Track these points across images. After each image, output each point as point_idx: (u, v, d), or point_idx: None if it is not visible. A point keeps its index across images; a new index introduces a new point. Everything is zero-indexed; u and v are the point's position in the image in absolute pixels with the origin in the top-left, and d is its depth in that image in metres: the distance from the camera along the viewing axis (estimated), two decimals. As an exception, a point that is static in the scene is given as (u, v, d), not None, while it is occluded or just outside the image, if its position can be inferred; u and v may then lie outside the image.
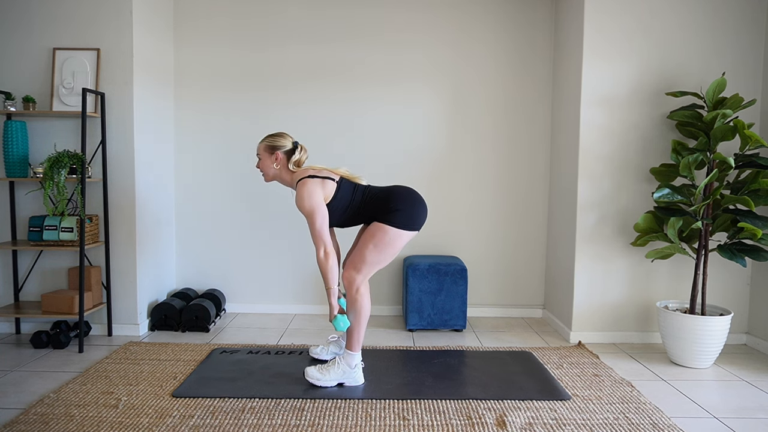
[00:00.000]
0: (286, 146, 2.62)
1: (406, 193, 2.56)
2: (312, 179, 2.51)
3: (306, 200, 2.47)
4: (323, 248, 2.46)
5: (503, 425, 2.23)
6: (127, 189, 3.31)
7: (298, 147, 2.63)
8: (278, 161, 2.61)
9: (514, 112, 3.89)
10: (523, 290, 4.01)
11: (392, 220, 2.49)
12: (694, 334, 2.90)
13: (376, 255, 2.51)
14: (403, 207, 2.51)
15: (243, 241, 3.94)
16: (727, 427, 2.28)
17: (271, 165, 2.63)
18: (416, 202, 2.55)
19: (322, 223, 2.47)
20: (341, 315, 2.50)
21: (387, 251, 2.51)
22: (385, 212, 2.51)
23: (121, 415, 2.26)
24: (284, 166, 2.63)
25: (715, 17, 3.27)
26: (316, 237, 2.47)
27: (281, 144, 2.62)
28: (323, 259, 2.46)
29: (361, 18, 3.82)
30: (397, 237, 2.50)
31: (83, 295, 3.06)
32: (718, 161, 2.96)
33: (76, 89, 3.21)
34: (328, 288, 2.48)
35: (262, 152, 2.64)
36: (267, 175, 2.66)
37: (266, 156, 2.63)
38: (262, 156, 2.64)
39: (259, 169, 2.67)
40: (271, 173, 2.65)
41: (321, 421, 2.25)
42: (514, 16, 3.84)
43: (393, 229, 2.49)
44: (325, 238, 2.47)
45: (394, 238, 2.50)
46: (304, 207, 2.47)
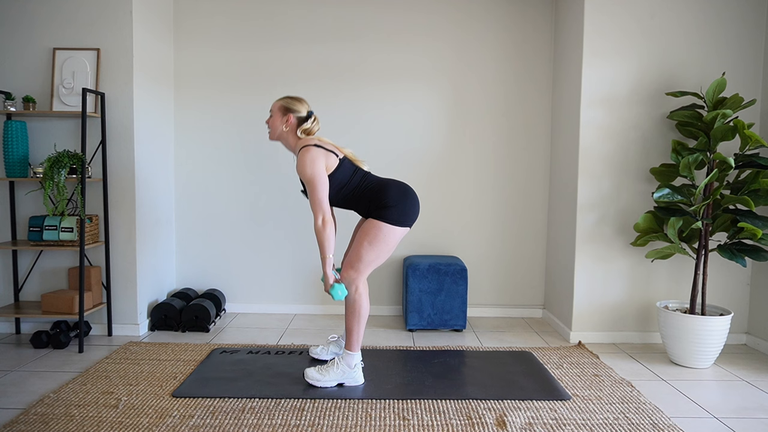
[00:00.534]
0: (300, 112, 2.61)
1: (400, 189, 2.55)
2: (316, 148, 2.49)
3: (308, 167, 2.45)
4: (321, 216, 2.44)
5: (503, 425, 2.23)
6: (127, 189, 3.31)
7: (312, 117, 2.63)
8: (289, 124, 2.60)
9: (514, 111, 3.89)
10: (523, 290, 4.01)
11: (385, 216, 2.49)
12: (694, 334, 2.90)
13: (372, 252, 2.50)
14: (396, 203, 2.50)
15: (243, 241, 3.94)
16: (727, 427, 2.28)
17: (281, 125, 2.61)
18: (409, 198, 2.55)
19: (323, 191, 2.45)
20: (338, 284, 2.49)
21: (382, 248, 2.51)
22: (378, 208, 2.51)
23: (121, 415, 2.26)
24: (292, 131, 2.61)
25: (715, 17, 3.27)
26: (315, 204, 2.45)
27: (297, 108, 2.61)
28: (321, 227, 2.44)
29: (361, 18, 3.82)
30: (391, 233, 2.50)
31: (83, 295, 3.06)
32: (718, 161, 2.96)
33: (76, 89, 3.21)
34: (324, 257, 2.46)
35: (275, 110, 2.63)
36: (273, 133, 2.65)
37: (278, 115, 2.62)
38: (275, 114, 2.63)
39: (268, 125, 2.66)
40: (278, 133, 2.63)
41: (321, 421, 2.25)
42: (514, 16, 3.84)
43: (386, 225, 2.49)
44: (324, 206, 2.45)
45: (387, 235, 2.50)
46: (305, 173, 2.45)
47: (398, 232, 2.52)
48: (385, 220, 2.49)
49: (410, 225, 2.56)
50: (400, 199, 2.52)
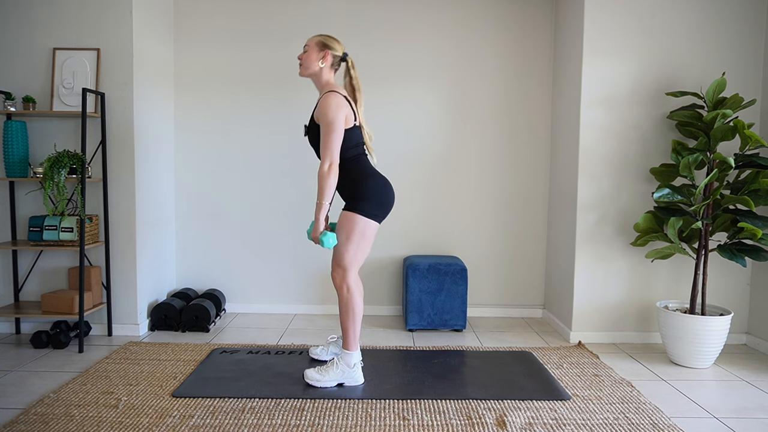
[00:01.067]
0: (337, 51, 2.58)
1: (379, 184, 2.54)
2: (343, 98, 2.48)
3: (332, 110, 2.42)
4: (329, 162, 2.41)
5: (503, 425, 2.23)
6: (127, 189, 3.31)
7: (348, 59, 2.60)
8: (324, 60, 2.56)
9: (514, 111, 3.89)
10: (523, 290, 4.01)
11: (359, 208, 2.48)
12: (694, 334, 2.90)
13: (352, 246, 2.49)
14: (373, 197, 2.50)
15: (243, 241, 3.94)
16: (727, 427, 2.28)
17: (316, 61, 2.56)
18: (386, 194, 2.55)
19: (336, 139, 2.42)
20: (329, 232, 2.46)
21: (360, 240, 2.50)
22: (353, 198, 2.51)
23: (121, 415, 2.26)
24: (327, 70, 2.58)
25: (716, 17, 3.27)
26: (326, 149, 2.42)
27: (334, 46, 2.57)
28: (326, 171, 2.41)
29: (362, 17, 3.82)
30: (365, 226, 2.50)
31: (83, 295, 3.06)
32: (718, 161, 2.96)
33: (76, 89, 3.21)
34: (321, 203, 2.42)
35: (312, 45, 2.57)
36: (306, 69, 2.59)
37: (315, 50, 2.57)
38: (311, 49, 2.57)
39: (301, 60, 2.60)
40: (312, 69, 2.57)
41: (321, 421, 2.25)
42: (514, 15, 3.84)
43: (360, 218, 2.48)
44: (335, 154, 2.42)
45: (362, 227, 2.49)
46: (326, 115, 2.42)
47: (372, 225, 2.52)
48: (359, 212, 2.48)
49: (381, 220, 2.57)
50: (377, 193, 2.52)
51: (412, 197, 3.92)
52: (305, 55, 2.58)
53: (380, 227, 3.92)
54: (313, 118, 2.55)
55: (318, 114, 2.48)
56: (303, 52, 2.61)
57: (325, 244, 2.43)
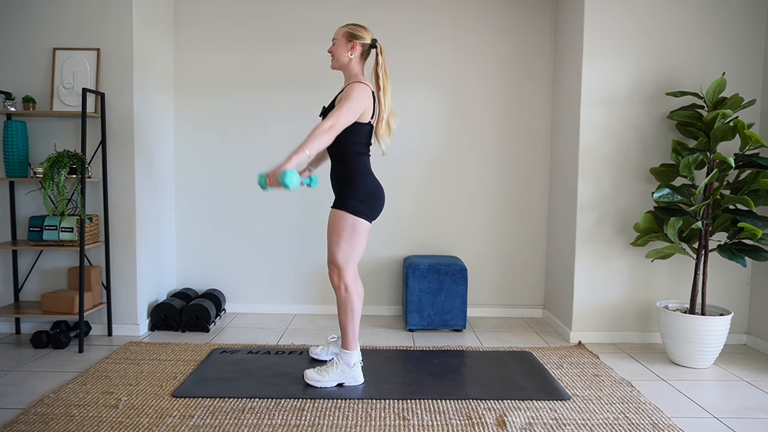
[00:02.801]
0: (365, 39, 2.54)
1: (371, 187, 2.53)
2: (371, 92, 2.47)
3: (355, 93, 2.40)
4: (333, 124, 2.35)
5: (503, 425, 2.23)
6: (127, 189, 3.31)
7: (377, 45, 2.55)
8: (353, 51, 2.53)
9: (514, 111, 3.89)
10: (523, 290, 4.01)
11: (350, 207, 2.47)
12: (694, 334, 2.90)
13: (345, 245, 2.49)
14: (363, 198, 2.49)
15: (243, 242, 3.94)
16: (727, 427, 2.28)
17: (345, 53, 2.53)
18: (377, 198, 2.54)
19: (349, 113, 2.38)
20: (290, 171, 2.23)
21: (353, 238, 2.49)
22: (344, 197, 2.50)
23: (121, 415, 2.26)
24: (356, 60, 2.55)
25: (715, 17, 3.27)
26: (336, 115, 2.36)
27: (362, 35, 2.54)
28: (325, 128, 2.34)
29: (361, 17, 3.82)
30: (358, 224, 2.49)
31: (83, 295, 3.06)
32: (718, 161, 2.96)
33: (76, 89, 3.21)
34: (300, 147, 2.29)
35: (340, 37, 2.55)
36: (337, 61, 2.56)
37: (343, 42, 2.54)
38: (339, 41, 2.55)
39: (331, 53, 2.58)
40: (342, 61, 2.55)
41: (321, 421, 2.25)
42: (514, 15, 3.84)
43: (349, 216, 2.48)
44: (341, 121, 2.37)
45: (355, 225, 2.48)
46: (349, 95, 2.39)
47: (362, 223, 2.51)
48: (350, 210, 2.48)
49: (371, 221, 2.56)
50: (368, 196, 2.51)
51: (412, 197, 3.92)
52: (334, 48, 2.56)
53: (380, 227, 3.92)
54: (334, 102, 2.52)
55: (342, 95, 2.45)
56: (332, 45, 2.58)
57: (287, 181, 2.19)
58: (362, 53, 2.55)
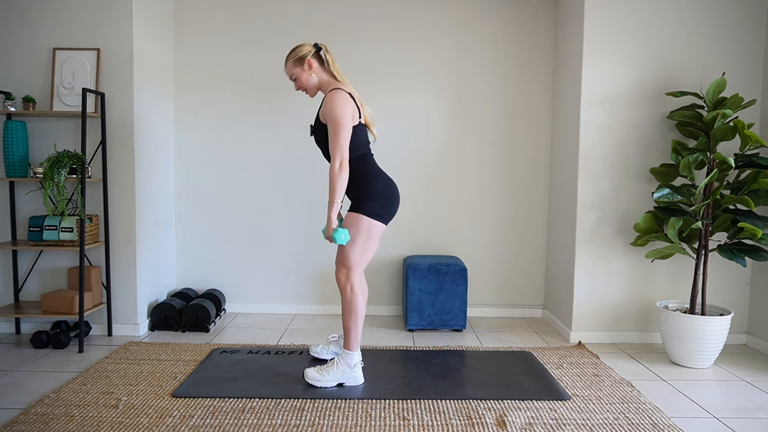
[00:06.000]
0: (310, 51, 2.56)
1: (385, 185, 2.54)
2: (348, 94, 2.47)
3: (338, 108, 2.41)
4: (340, 160, 2.40)
5: (503, 425, 2.23)
6: (127, 189, 3.31)
7: (321, 47, 2.58)
8: (312, 68, 2.55)
9: (514, 110, 3.89)
10: (523, 290, 4.01)
11: (365, 209, 2.48)
12: (694, 334, 2.90)
13: (356, 247, 2.49)
14: (379, 198, 2.50)
15: (243, 241, 3.94)
16: (727, 427, 2.28)
17: (309, 76, 2.56)
18: (392, 195, 2.54)
19: (345, 135, 2.41)
20: (341, 228, 2.44)
21: (365, 241, 2.50)
22: (359, 199, 2.50)
23: (121, 415, 2.26)
24: (319, 71, 2.57)
25: (716, 17, 3.27)
26: (335, 147, 2.40)
27: (305, 51, 2.55)
28: (337, 170, 2.39)
29: (362, 16, 3.82)
30: (371, 226, 2.49)
31: (83, 295, 3.06)
32: (718, 161, 2.96)
33: (76, 89, 3.21)
34: (332, 201, 2.41)
35: (293, 70, 2.57)
36: (310, 89, 2.59)
37: (299, 71, 2.56)
38: (296, 73, 2.57)
39: (301, 88, 2.61)
40: (312, 83, 2.57)
41: (321, 421, 2.25)
42: (515, 15, 3.84)
43: (366, 218, 2.48)
44: (345, 151, 2.41)
45: (367, 228, 2.48)
46: (333, 113, 2.41)
47: (378, 226, 2.51)
48: (365, 212, 2.48)
49: (387, 222, 2.56)
50: (383, 194, 2.51)
51: (413, 197, 3.92)
52: (299, 82, 2.60)
53: (380, 227, 3.91)
54: (319, 117, 2.54)
55: (324, 112, 2.46)
56: (295, 82, 2.61)
57: (337, 240, 2.43)
58: (319, 63, 2.58)
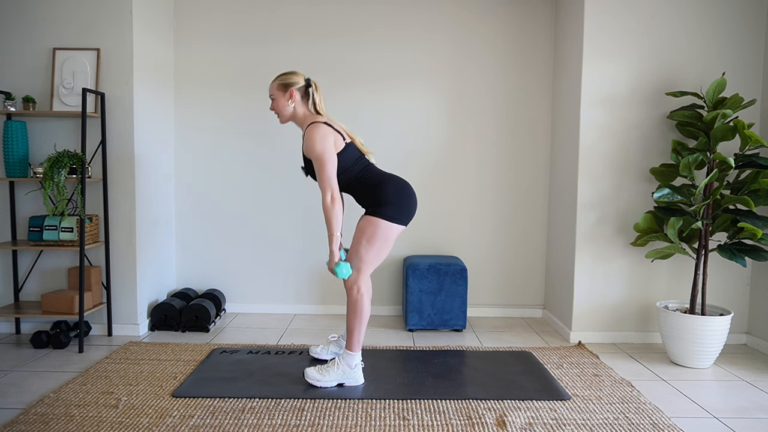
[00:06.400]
0: (299, 83, 2.56)
1: (399, 186, 2.54)
2: (326, 125, 2.47)
3: (318, 143, 2.41)
4: (330, 193, 2.40)
5: (503, 425, 2.23)
6: (127, 189, 3.31)
7: (312, 84, 2.58)
8: (293, 99, 2.55)
9: (514, 110, 3.89)
10: (523, 290, 4.01)
11: (382, 213, 2.47)
12: (694, 334, 2.90)
13: (371, 250, 2.49)
14: (394, 200, 2.49)
15: (243, 241, 3.94)
16: (727, 427, 2.28)
17: (286, 104, 2.56)
18: (407, 195, 2.54)
19: (331, 168, 2.42)
20: (343, 263, 2.45)
21: (380, 245, 2.50)
22: (375, 204, 2.50)
23: (121, 415, 2.26)
24: (299, 104, 2.56)
25: (716, 17, 3.27)
26: (323, 181, 2.41)
27: (294, 80, 2.55)
28: (329, 204, 2.40)
29: (362, 16, 3.82)
30: (389, 230, 2.49)
31: (83, 295, 3.06)
32: (718, 161, 2.96)
33: (76, 89, 3.21)
34: (331, 234, 2.42)
35: (275, 91, 2.57)
36: (282, 116, 2.59)
37: (280, 95, 2.56)
38: (276, 96, 2.57)
39: (274, 110, 2.61)
40: (287, 113, 2.57)
41: (321, 421, 2.25)
42: (515, 15, 3.84)
43: (383, 222, 2.47)
44: (333, 183, 2.42)
45: (385, 232, 2.48)
46: (314, 149, 2.41)
47: (395, 229, 2.51)
48: (382, 216, 2.48)
49: (407, 223, 2.55)
50: (398, 196, 2.51)
51: (412, 197, 3.92)
52: (275, 104, 2.59)
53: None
54: (304, 154, 2.54)
55: (306, 149, 2.47)
56: (272, 103, 2.61)
57: (339, 275, 2.44)
58: (302, 96, 2.57)
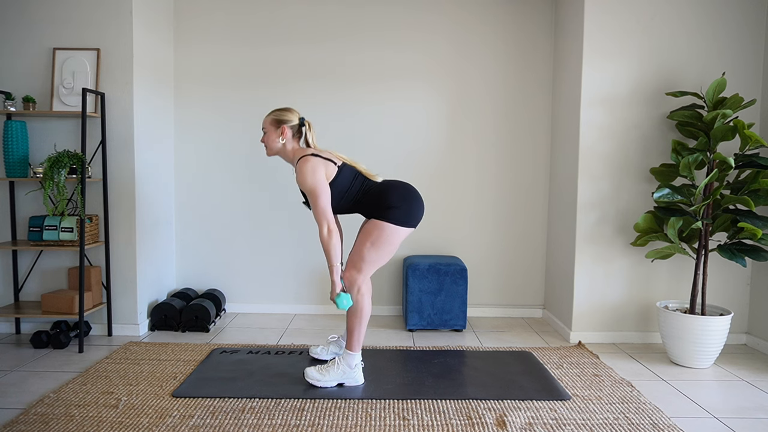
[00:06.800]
0: (292, 121, 2.59)
1: (404, 190, 2.54)
2: (314, 157, 2.48)
3: (309, 177, 2.43)
4: (326, 225, 2.43)
5: (503, 425, 2.23)
6: (127, 189, 3.31)
7: (305, 123, 2.61)
8: (284, 135, 2.57)
9: (514, 110, 3.89)
10: (523, 290, 4.01)
11: (389, 216, 2.48)
12: (694, 334, 2.90)
13: (375, 253, 2.50)
14: (401, 204, 2.50)
15: (243, 241, 3.94)
16: (727, 427, 2.28)
17: (276, 139, 2.58)
18: (414, 198, 2.54)
19: (325, 201, 2.44)
20: (344, 293, 2.47)
21: (385, 248, 2.50)
22: (381, 209, 2.50)
23: (121, 415, 2.26)
24: (289, 141, 2.59)
25: (715, 17, 3.27)
26: (319, 214, 2.44)
27: (288, 118, 2.58)
28: (327, 236, 2.43)
29: (362, 16, 3.82)
30: (394, 234, 2.49)
31: (83, 295, 3.06)
32: (718, 161, 2.96)
33: (76, 89, 3.21)
34: (331, 266, 2.45)
35: (267, 126, 2.60)
36: (270, 149, 2.62)
37: (272, 130, 2.59)
38: (268, 130, 2.60)
39: (264, 143, 2.64)
40: (275, 148, 2.60)
41: (321, 421, 2.25)
42: (515, 15, 3.84)
43: (390, 225, 2.48)
44: (328, 215, 2.44)
45: (391, 235, 2.49)
46: (306, 184, 2.44)
47: (402, 232, 2.51)
48: (389, 220, 2.48)
49: (414, 225, 2.55)
50: (403, 199, 2.51)
51: (412, 197, 3.92)
52: (265, 138, 2.62)
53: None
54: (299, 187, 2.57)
55: (299, 184, 2.49)
56: (263, 135, 2.63)
57: (339, 305, 2.46)
58: (293, 134, 2.60)
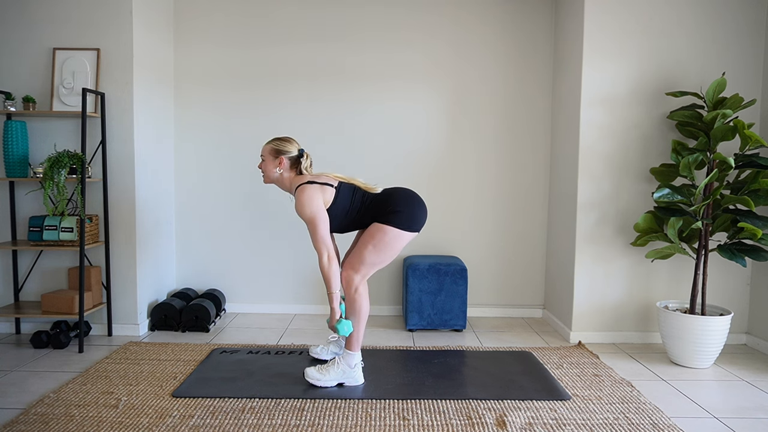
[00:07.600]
0: (291, 152, 2.61)
1: (406, 195, 2.56)
2: (311, 185, 2.51)
3: (306, 206, 2.46)
4: (326, 254, 2.45)
5: (503, 425, 2.23)
6: (127, 189, 3.31)
7: (304, 155, 2.64)
8: (281, 166, 2.61)
9: (514, 111, 3.89)
10: (523, 290, 4.01)
11: (392, 220, 2.48)
12: (694, 334, 2.90)
13: (375, 255, 2.51)
14: (403, 208, 2.50)
15: (243, 241, 3.94)
16: (727, 427, 2.28)
17: (274, 169, 2.62)
18: (416, 203, 2.55)
19: (324, 229, 2.47)
20: (345, 320, 2.50)
21: (386, 252, 2.51)
22: (384, 213, 2.51)
23: (121, 415, 2.26)
24: (286, 171, 2.62)
25: (715, 17, 3.27)
26: (318, 243, 2.46)
27: (287, 149, 2.61)
28: (326, 264, 2.46)
29: (361, 17, 3.82)
30: (397, 238, 2.50)
31: (83, 295, 3.06)
32: (718, 161, 2.96)
33: (76, 89, 3.21)
34: (331, 293, 2.47)
35: (266, 154, 2.63)
36: (267, 177, 2.66)
37: (270, 159, 2.62)
38: (266, 158, 2.63)
39: (261, 169, 2.67)
40: (273, 176, 2.64)
41: (321, 421, 2.25)
42: (514, 15, 3.84)
43: (393, 229, 2.48)
44: (328, 243, 2.47)
45: (393, 239, 2.49)
46: (304, 213, 2.46)
47: (404, 236, 2.51)
48: (392, 224, 2.48)
49: (418, 230, 2.56)
50: (406, 204, 2.52)
51: (412, 197, 3.92)
52: (263, 165, 2.65)
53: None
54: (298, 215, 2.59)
55: (298, 213, 2.51)
56: (261, 162, 2.66)
57: (340, 332, 2.47)
58: (291, 165, 2.62)
